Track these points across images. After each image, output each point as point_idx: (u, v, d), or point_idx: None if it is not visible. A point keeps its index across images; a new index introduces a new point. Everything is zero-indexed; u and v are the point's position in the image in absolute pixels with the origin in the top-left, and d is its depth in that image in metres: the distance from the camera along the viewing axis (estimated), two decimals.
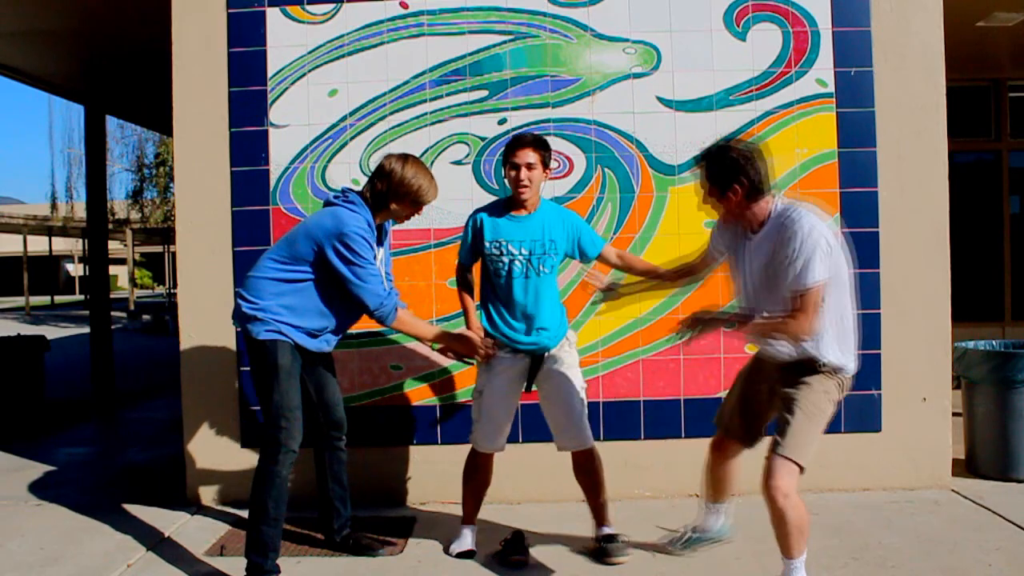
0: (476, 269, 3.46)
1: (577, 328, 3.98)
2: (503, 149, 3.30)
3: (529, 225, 3.26)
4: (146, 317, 17.88)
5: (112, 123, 19.56)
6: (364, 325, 4.07)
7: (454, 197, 4.07)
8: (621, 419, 4.09)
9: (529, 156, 3.19)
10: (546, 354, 3.31)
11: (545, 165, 3.26)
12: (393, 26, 4.10)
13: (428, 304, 4.10)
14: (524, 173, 3.19)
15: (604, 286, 3.43)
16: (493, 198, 4.05)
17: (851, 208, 4.06)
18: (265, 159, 4.11)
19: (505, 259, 3.25)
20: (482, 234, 3.30)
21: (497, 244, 3.26)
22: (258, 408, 4.10)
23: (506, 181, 3.29)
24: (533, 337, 3.27)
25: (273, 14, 4.11)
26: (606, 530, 3.34)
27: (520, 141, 3.23)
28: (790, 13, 4.06)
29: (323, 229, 3.08)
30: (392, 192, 3.15)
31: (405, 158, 3.20)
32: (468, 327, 3.39)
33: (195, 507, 4.08)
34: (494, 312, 3.31)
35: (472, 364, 3.42)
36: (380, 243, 3.27)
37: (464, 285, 3.49)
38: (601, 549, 3.25)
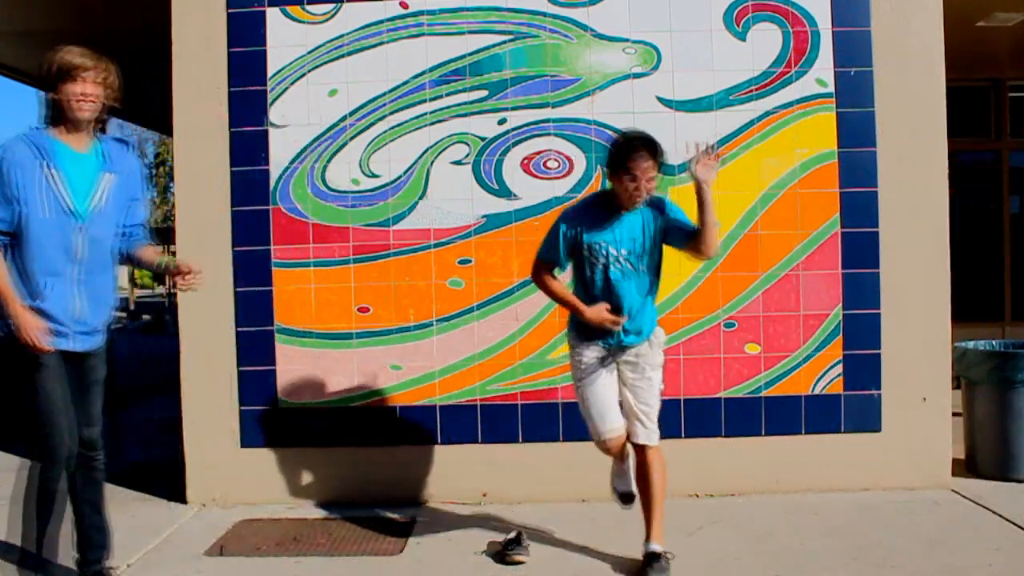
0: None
1: None
2: (614, 152, 3.05)
3: (630, 222, 3.07)
4: (146, 317, 17.86)
5: (112, 123, 19.44)
6: (364, 325, 4.09)
7: (454, 197, 4.07)
8: None
9: (649, 169, 2.96)
10: (634, 348, 3.16)
11: (661, 167, 3.02)
12: (393, 26, 4.10)
13: (428, 304, 4.09)
14: (643, 184, 2.96)
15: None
16: (493, 198, 4.07)
17: (851, 208, 4.05)
18: (265, 159, 4.11)
19: (600, 261, 3.08)
20: (579, 237, 3.10)
21: (596, 246, 3.08)
22: (259, 407, 4.12)
23: (617, 187, 3.03)
24: (626, 338, 3.12)
25: (273, 14, 4.11)
26: (651, 547, 3.13)
27: (636, 148, 2.96)
28: (790, 13, 4.06)
29: None
30: (49, 86, 2.68)
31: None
32: (577, 305, 3.13)
33: (195, 507, 4.08)
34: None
35: None
36: (109, 169, 2.83)
37: (546, 279, 3.27)
38: (643, 568, 3.10)
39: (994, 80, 7.31)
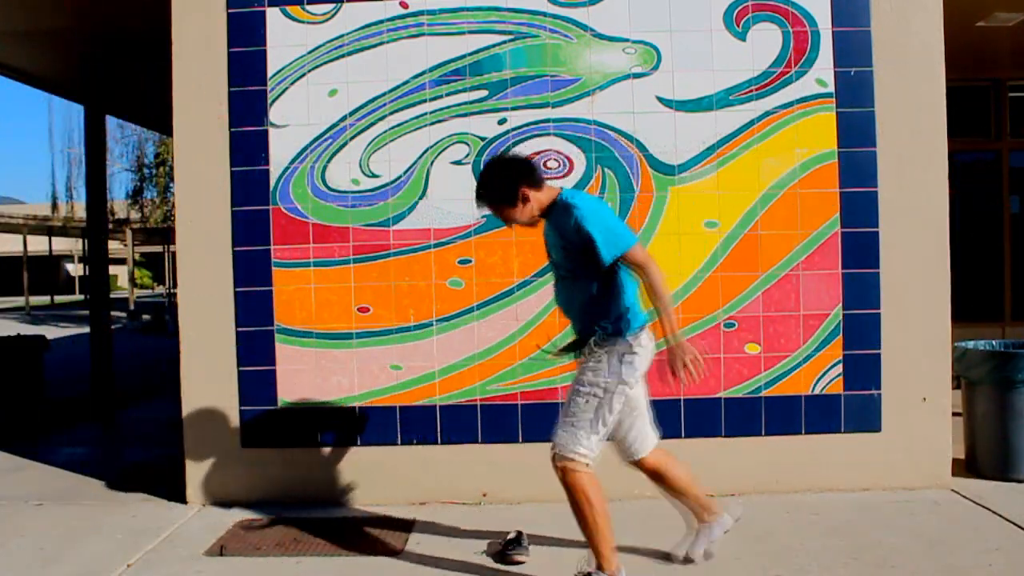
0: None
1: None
2: None
3: (547, 230, 3.10)
4: (146, 317, 17.89)
5: (112, 123, 19.55)
6: (364, 325, 4.09)
7: (454, 197, 4.07)
8: None
9: (485, 209, 3.05)
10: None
11: (505, 202, 2.92)
12: (393, 26, 4.10)
13: (428, 304, 4.10)
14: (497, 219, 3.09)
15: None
16: None
17: (851, 208, 4.06)
18: (265, 159, 4.11)
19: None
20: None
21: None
22: (259, 407, 4.12)
23: None
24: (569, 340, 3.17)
25: (273, 14, 4.11)
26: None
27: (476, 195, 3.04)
28: (790, 13, 4.06)
29: None
30: None
31: None
32: None
33: (195, 507, 4.09)
34: None
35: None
36: None
37: None
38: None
39: (994, 80, 7.32)
